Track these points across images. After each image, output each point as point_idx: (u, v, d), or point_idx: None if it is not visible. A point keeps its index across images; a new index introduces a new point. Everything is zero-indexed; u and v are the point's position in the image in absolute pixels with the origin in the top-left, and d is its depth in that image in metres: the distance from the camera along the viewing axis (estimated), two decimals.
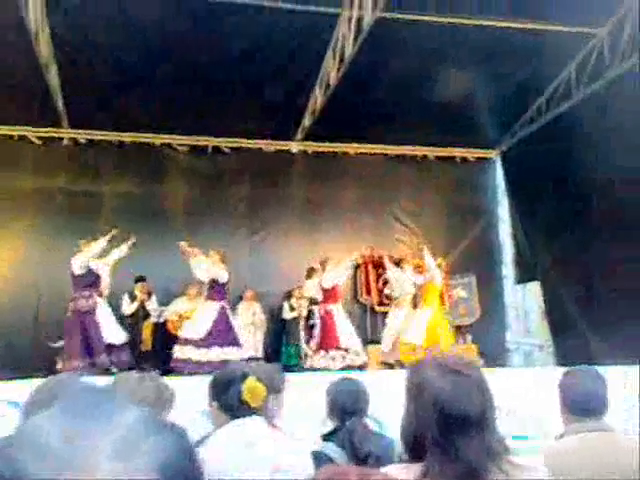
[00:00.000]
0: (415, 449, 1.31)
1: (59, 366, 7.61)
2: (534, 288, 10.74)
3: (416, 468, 1.29)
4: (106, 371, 7.34)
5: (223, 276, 8.21)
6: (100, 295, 8.11)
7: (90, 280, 8.01)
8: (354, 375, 3.80)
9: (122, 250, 8.30)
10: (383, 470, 1.39)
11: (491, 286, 10.86)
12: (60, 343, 8.10)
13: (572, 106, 9.12)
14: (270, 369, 2.81)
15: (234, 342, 8.06)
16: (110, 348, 7.85)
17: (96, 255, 8.01)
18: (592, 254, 8.94)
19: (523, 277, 10.91)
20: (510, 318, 11.15)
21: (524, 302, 11.19)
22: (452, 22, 8.00)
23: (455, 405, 1.26)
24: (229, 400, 2.27)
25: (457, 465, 1.23)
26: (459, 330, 10.04)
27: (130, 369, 7.22)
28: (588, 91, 8.76)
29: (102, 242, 7.98)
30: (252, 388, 2.24)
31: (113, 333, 8.01)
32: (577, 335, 9.18)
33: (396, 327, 8.97)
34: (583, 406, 2.32)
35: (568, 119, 9.24)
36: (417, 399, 1.31)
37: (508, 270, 11.17)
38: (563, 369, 2.57)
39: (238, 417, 2.23)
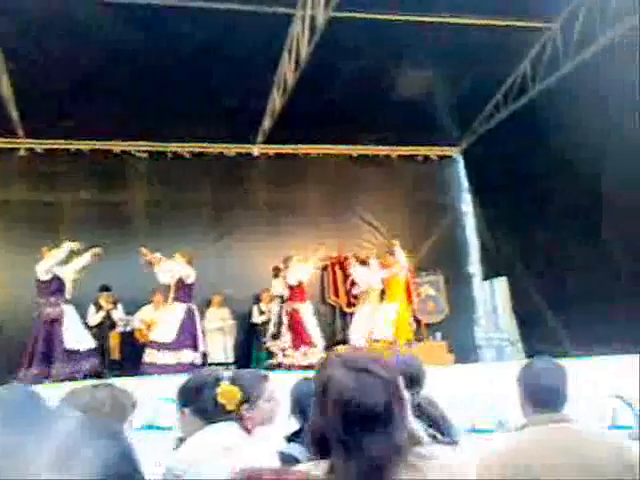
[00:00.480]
0: (322, 446, 1.31)
1: (20, 375, 7.46)
2: (501, 284, 10.79)
3: (324, 465, 1.30)
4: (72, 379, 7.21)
5: (190, 276, 8.19)
6: (66, 302, 8.03)
7: (56, 287, 7.94)
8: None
9: (85, 258, 8.19)
10: (296, 468, 1.42)
11: (459, 283, 10.91)
12: None
13: (529, 101, 9.22)
14: (249, 374, 2.73)
15: (194, 346, 8.05)
16: (74, 355, 7.74)
17: (61, 262, 7.93)
18: (555, 248, 9.03)
19: (490, 273, 10.97)
20: (479, 314, 11.19)
21: (493, 298, 11.23)
22: (406, 20, 8.02)
23: (358, 402, 1.25)
24: (203, 405, 2.25)
25: (361, 461, 1.23)
26: (428, 327, 10.07)
27: (98, 377, 7.18)
28: (543, 86, 8.85)
29: (66, 248, 7.92)
30: (227, 392, 2.23)
31: (78, 339, 7.90)
32: (544, 329, 9.25)
33: (363, 324, 8.98)
34: (541, 397, 2.30)
35: (526, 114, 9.31)
36: (322, 396, 1.30)
37: (475, 267, 11.22)
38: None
39: (213, 422, 2.21)
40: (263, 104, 9.42)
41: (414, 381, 2.86)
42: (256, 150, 10.65)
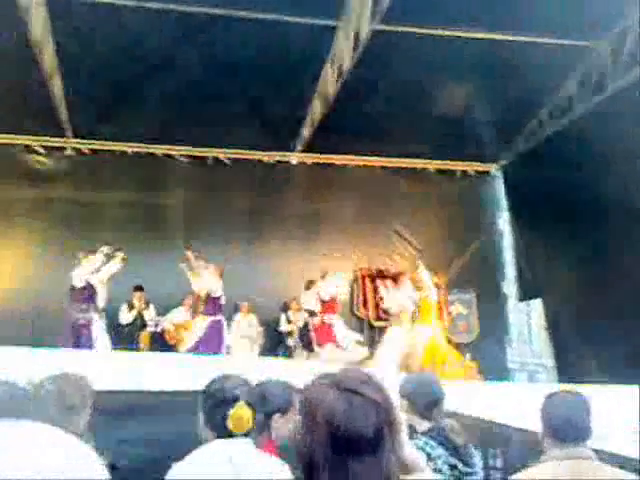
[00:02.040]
0: (310, 469, 1.26)
1: None
2: (537, 306, 10.52)
3: None
4: None
5: (216, 290, 8.30)
6: (96, 309, 8.21)
7: (88, 294, 8.14)
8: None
9: (116, 265, 8.39)
10: None
11: (492, 303, 10.69)
12: None
13: (573, 121, 9.03)
14: (276, 386, 2.65)
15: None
16: None
17: (95, 270, 8.14)
18: (594, 270, 8.77)
19: (525, 294, 10.71)
20: (513, 336, 10.92)
21: (528, 320, 10.95)
22: (450, 34, 7.97)
23: (346, 425, 1.21)
24: (215, 420, 2.20)
25: None
26: (458, 347, 9.87)
27: None
28: (590, 105, 8.66)
29: (101, 255, 8.12)
30: (238, 417, 2.14)
31: (104, 348, 8.07)
32: (580, 354, 8.97)
33: (394, 346, 8.86)
34: (562, 431, 2.25)
35: (570, 134, 9.12)
36: (310, 418, 1.26)
37: (510, 287, 10.98)
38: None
39: (224, 437, 2.16)
40: (303, 113, 9.51)
41: (433, 404, 2.84)
42: (294, 158, 10.74)
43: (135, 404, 4.79)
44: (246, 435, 2.16)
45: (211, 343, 8.17)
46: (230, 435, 2.15)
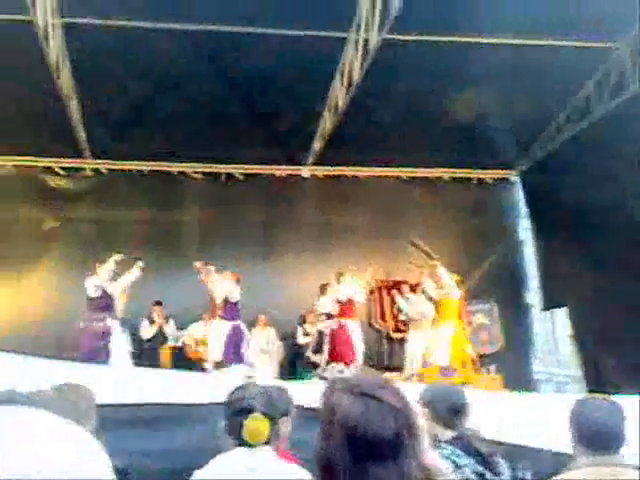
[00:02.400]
0: (330, 475, 1.27)
1: None
2: (562, 315, 10.24)
3: None
4: None
5: (234, 295, 8.29)
6: (114, 318, 8.24)
7: (105, 303, 8.15)
8: None
9: (134, 273, 8.42)
10: None
11: (516, 313, 10.47)
12: None
13: (592, 124, 8.80)
14: (276, 392, 2.69)
15: (240, 361, 8.09)
16: None
17: (110, 278, 8.15)
18: (617, 276, 8.50)
19: (549, 303, 10.43)
20: (538, 347, 10.64)
21: (553, 330, 10.66)
22: (462, 41, 7.88)
23: (364, 430, 1.21)
24: (233, 429, 2.21)
25: None
26: (481, 359, 9.65)
27: None
28: (608, 108, 8.45)
29: (112, 262, 8.13)
30: (253, 428, 2.15)
31: (123, 357, 8.09)
32: (606, 364, 8.69)
33: (417, 350, 8.74)
34: (594, 439, 2.17)
35: (589, 137, 8.90)
36: (328, 423, 1.26)
37: (534, 296, 10.71)
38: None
39: (244, 445, 2.17)
40: (314, 126, 9.52)
41: (457, 412, 2.79)
42: (306, 171, 10.75)
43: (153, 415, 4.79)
44: (267, 443, 2.17)
45: (234, 351, 8.15)
46: (251, 444, 2.15)
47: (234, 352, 8.19)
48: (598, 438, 2.14)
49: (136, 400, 4.69)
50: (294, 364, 9.63)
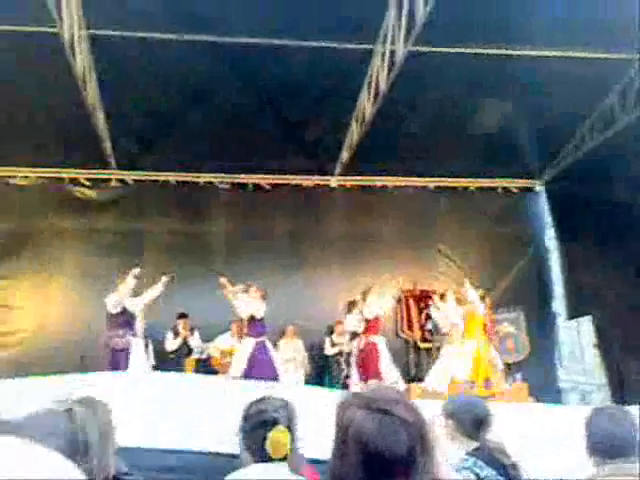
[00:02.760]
0: None
1: None
2: (588, 323, 10.24)
3: None
4: None
5: (258, 312, 8.25)
6: (134, 335, 8.17)
7: (124, 319, 8.05)
8: None
9: (156, 289, 8.36)
10: None
11: (541, 321, 10.45)
12: None
13: (617, 133, 8.84)
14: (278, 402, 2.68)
15: (273, 377, 8.02)
16: None
17: (130, 294, 8.06)
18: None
19: (575, 312, 10.44)
20: (564, 355, 10.63)
21: (578, 338, 10.66)
22: (488, 53, 7.93)
23: (378, 445, 1.21)
24: (253, 444, 2.14)
25: None
26: (508, 368, 9.64)
27: None
28: (632, 117, 8.48)
29: (131, 279, 7.99)
30: (277, 441, 2.09)
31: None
32: (630, 372, 8.69)
33: (445, 366, 8.72)
34: (609, 447, 2.20)
35: (613, 147, 8.94)
36: (343, 438, 1.26)
37: (559, 305, 10.71)
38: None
39: (262, 461, 2.11)
40: (342, 137, 9.54)
41: (480, 423, 2.81)
42: (333, 182, 10.77)
43: None
44: (283, 459, 2.11)
45: (261, 366, 8.10)
46: (269, 459, 2.09)
47: (258, 370, 8.12)
48: (611, 447, 2.17)
49: None
50: (321, 376, 9.61)
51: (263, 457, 2.10)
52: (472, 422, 2.80)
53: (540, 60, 7.99)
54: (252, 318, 8.34)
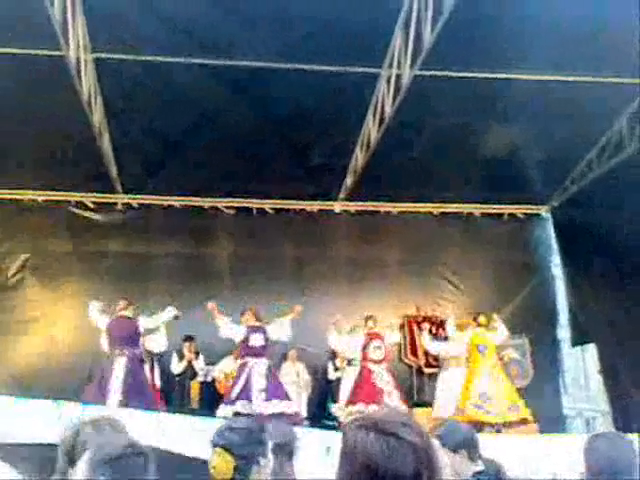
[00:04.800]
0: None
1: None
2: (592, 350, 10.15)
3: None
4: None
5: (236, 336, 8.20)
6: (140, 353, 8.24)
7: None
8: None
9: (163, 316, 8.43)
10: None
11: (545, 348, 10.38)
12: None
13: (624, 160, 8.79)
14: (281, 431, 2.70)
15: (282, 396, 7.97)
16: None
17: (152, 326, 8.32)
18: None
19: (579, 339, 10.36)
20: (568, 382, 10.53)
21: (583, 365, 10.56)
22: (495, 77, 7.92)
23: (385, 468, 1.20)
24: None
25: None
26: None
27: None
28: None
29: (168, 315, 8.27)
30: (212, 465, 2.04)
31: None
32: (634, 400, 8.59)
33: (454, 387, 8.65)
34: (606, 474, 2.18)
35: (621, 173, 8.88)
36: (349, 460, 1.26)
37: (564, 332, 10.63)
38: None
39: None
40: (346, 161, 9.54)
41: (465, 444, 2.85)
42: (338, 207, 10.75)
43: None
44: None
45: (245, 389, 8.06)
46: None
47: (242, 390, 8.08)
48: (609, 473, 2.16)
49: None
50: (324, 400, 9.54)
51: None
52: (456, 443, 2.85)
53: (548, 85, 7.96)
54: (242, 341, 8.30)
